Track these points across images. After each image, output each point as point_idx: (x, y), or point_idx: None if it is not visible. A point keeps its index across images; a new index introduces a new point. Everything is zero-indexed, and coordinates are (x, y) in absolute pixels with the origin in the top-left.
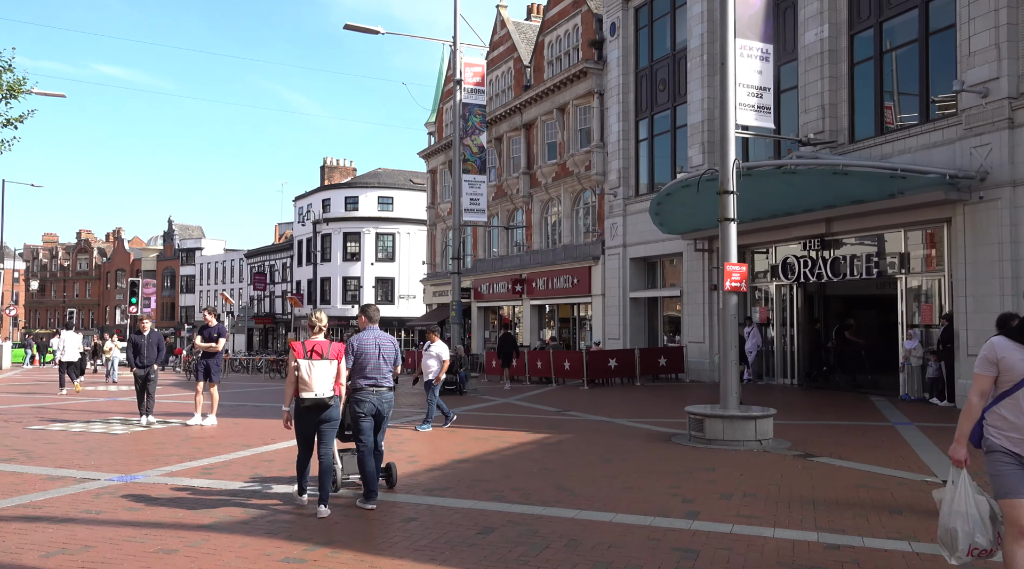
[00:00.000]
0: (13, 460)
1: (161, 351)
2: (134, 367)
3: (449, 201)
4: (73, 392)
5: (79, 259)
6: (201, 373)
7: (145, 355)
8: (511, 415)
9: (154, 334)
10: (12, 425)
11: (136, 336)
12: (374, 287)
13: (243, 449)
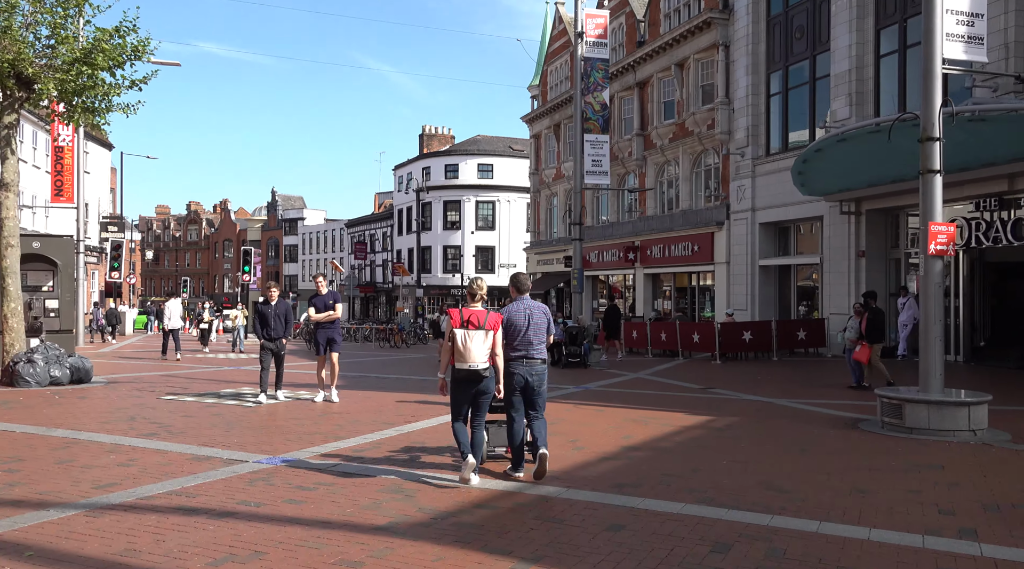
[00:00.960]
0: (155, 435)
1: (289, 322)
2: (262, 339)
3: (554, 166)
4: (174, 360)
5: (189, 229)
6: (323, 346)
7: (272, 326)
8: (651, 392)
9: (281, 303)
10: (146, 395)
11: (262, 306)
12: (474, 256)
13: (385, 427)
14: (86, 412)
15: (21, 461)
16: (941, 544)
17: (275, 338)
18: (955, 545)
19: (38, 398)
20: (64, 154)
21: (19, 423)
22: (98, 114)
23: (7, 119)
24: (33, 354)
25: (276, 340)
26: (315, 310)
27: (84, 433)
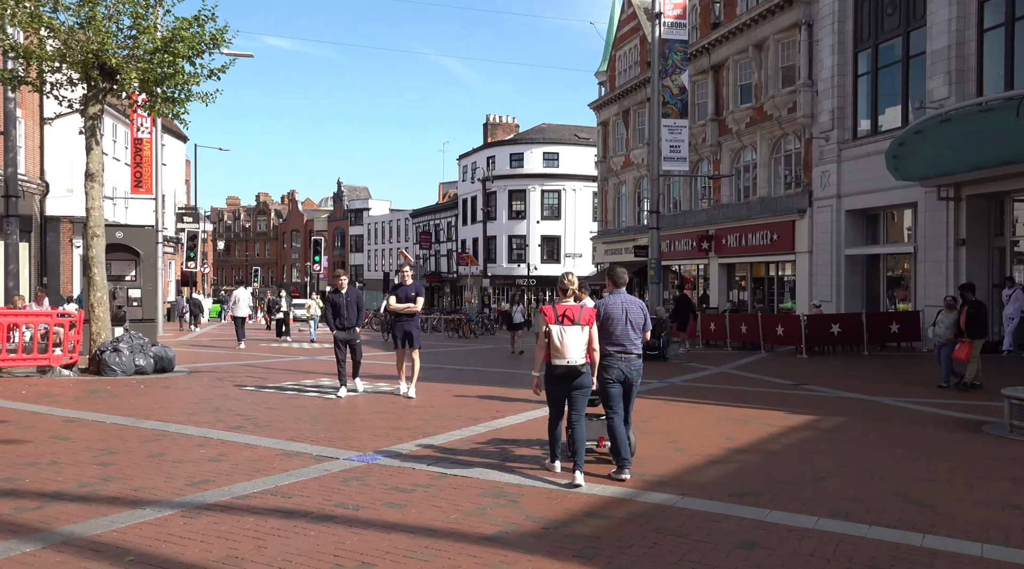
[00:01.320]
0: (242, 428)
1: (361, 310)
2: (334, 330)
3: (623, 154)
4: (240, 349)
5: (258, 220)
6: (400, 339)
7: (345, 315)
8: (741, 388)
9: (352, 291)
10: (227, 385)
11: (334, 295)
12: (540, 245)
13: (473, 423)
14: (171, 402)
15: (113, 454)
16: None
17: (348, 327)
18: None
19: (124, 387)
20: (143, 146)
21: (108, 413)
22: (178, 104)
23: (92, 110)
24: (119, 343)
25: (349, 329)
26: (396, 300)
27: (172, 425)
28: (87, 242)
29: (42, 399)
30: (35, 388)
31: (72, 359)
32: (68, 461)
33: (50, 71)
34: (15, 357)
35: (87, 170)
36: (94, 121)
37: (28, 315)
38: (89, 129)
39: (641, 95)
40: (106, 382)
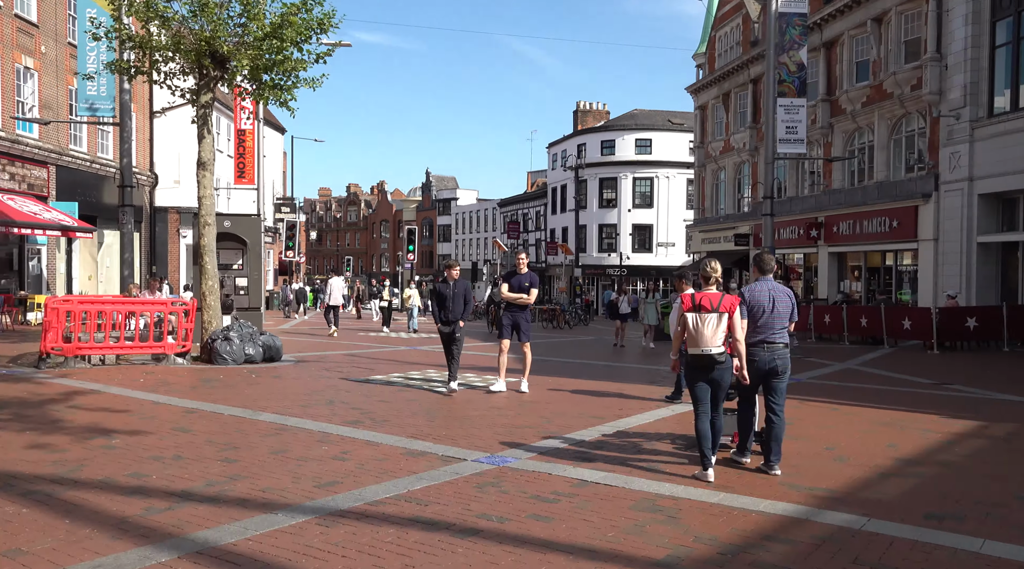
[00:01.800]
0: (359, 423)
1: (468, 303)
2: (439, 322)
3: (722, 139)
4: (331, 336)
5: (349, 210)
6: (507, 328)
7: (451, 308)
8: (878, 387)
9: (460, 283)
10: (335, 375)
11: (441, 285)
12: (631, 234)
13: (598, 422)
14: (284, 394)
15: (236, 449)
16: None
17: (452, 320)
18: None
19: (236, 377)
20: (246, 137)
21: (225, 404)
22: (285, 91)
23: (203, 99)
24: (229, 332)
25: (453, 323)
26: (508, 288)
27: (290, 418)
28: (199, 231)
29: (160, 388)
30: (152, 376)
31: (185, 347)
32: (192, 456)
33: (163, 60)
34: (132, 345)
35: (199, 158)
36: (205, 110)
37: (144, 303)
38: (201, 118)
39: (743, 77)
40: (218, 371)
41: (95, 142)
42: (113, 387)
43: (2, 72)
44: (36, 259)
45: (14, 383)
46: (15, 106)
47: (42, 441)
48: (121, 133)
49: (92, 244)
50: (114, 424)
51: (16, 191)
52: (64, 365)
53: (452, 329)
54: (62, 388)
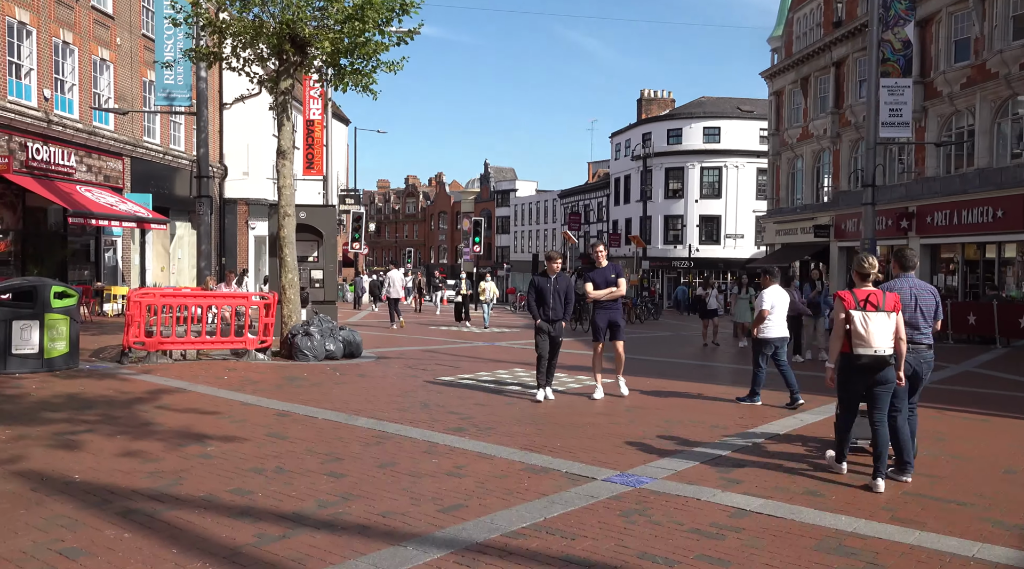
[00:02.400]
0: (463, 431)
1: (570, 301)
2: (538, 320)
3: (799, 125)
4: (399, 327)
5: (407, 202)
6: (603, 330)
7: (551, 305)
8: (1016, 395)
9: (563, 278)
10: (421, 373)
11: (540, 280)
12: (698, 226)
13: (722, 432)
14: (375, 395)
15: (340, 461)
16: None
17: (553, 320)
18: None
19: (320, 374)
20: (315, 128)
21: (316, 406)
22: (365, 75)
23: (283, 85)
24: (309, 326)
25: (554, 323)
26: (593, 286)
27: (389, 425)
28: (278, 222)
29: (246, 386)
30: (235, 373)
31: (266, 343)
32: (295, 468)
33: (242, 46)
34: (213, 340)
35: (279, 147)
36: (285, 96)
37: (226, 297)
38: (280, 105)
39: (824, 60)
40: (300, 368)
41: (167, 133)
42: (198, 385)
43: (80, 64)
44: (112, 250)
45: (99, 380)
46: (91, 98)
47: (134, 447)
48: (198, 122)
49: (165, 236)
50: (206, 428)
51: (93, 183)
52: (146, 360)
53: (552, 330)
54: (147, 386)
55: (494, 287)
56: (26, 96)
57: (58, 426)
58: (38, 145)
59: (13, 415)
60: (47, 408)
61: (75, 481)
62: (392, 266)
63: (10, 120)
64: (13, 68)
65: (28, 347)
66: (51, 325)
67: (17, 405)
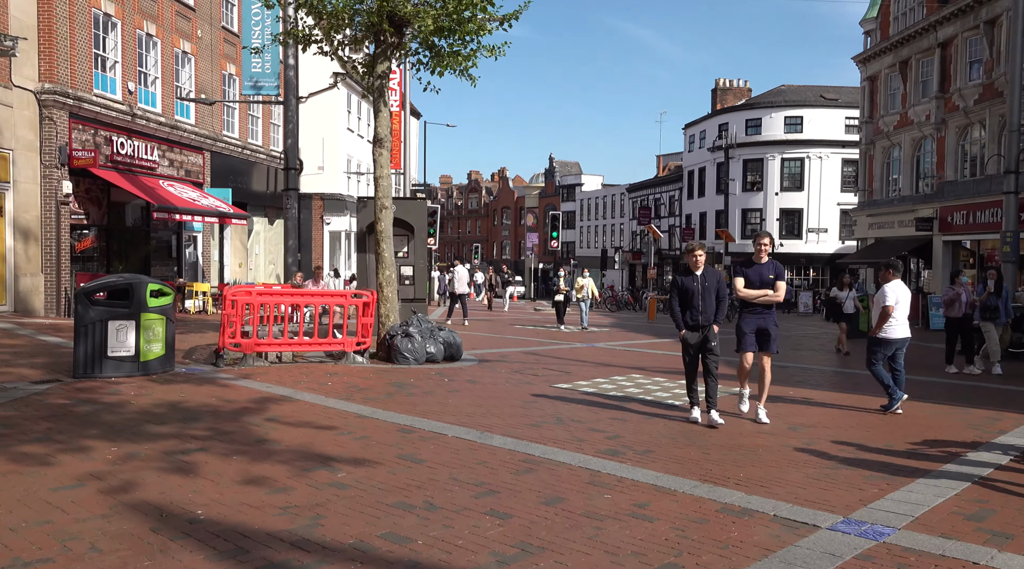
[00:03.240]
0: (620, 455)
1: (723, 301)
2: (682, 328)
3: (897, 112)
4: (461, 326)
5: (470, 198)
6: (752, 339)
7: (700, 308)
8: None
9: (712, 274)
10: (531, 379)
11: (685, 278)
12: (778, 220)
13: (934, 460)
14: (497, 405)
15: (495, 494)
16: None
17: (703, 324)
18: None
19: (428, 381)
20: (393, 120)
21: (438, 420)
22: (465, 58)
23: (380, 68)
24: (408, 327)
25: (704, 328)
26: (744, 282)
27: (531, 445)
28: (375, 215)
29: (354, 395)
30: (338, 379)
31: (364, 344)
32: (447, 503)
33: (338, 26)
34: (310, 341)
35: (376, 135)
36: (383, 81)
37: (324, 295)
38: (378, 90)
39: (927, 41)
40: (403, 372)
41: (246, 127)
42: (303, 393)
43: (163, 57)
44: (192, 246)
45: (198, 385)
46: (173, 91)
47: (256, 472)
48: (285, 112)
49: (243, 231)
50: (328, 447)
51: (175, 177)
52: (243, 363)
53: (702, 336)
54: (250, 393)
55: (592, 284)
56: (111, 89)
57: (167, 443)
58: (122, 139)
59: (116, 428)
60: (151, 420)
61: (199, 518)
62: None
63: (96, 114)
64: (99, 61)
65: (124, 349)
66: (147, 326)
67: (119, 415)
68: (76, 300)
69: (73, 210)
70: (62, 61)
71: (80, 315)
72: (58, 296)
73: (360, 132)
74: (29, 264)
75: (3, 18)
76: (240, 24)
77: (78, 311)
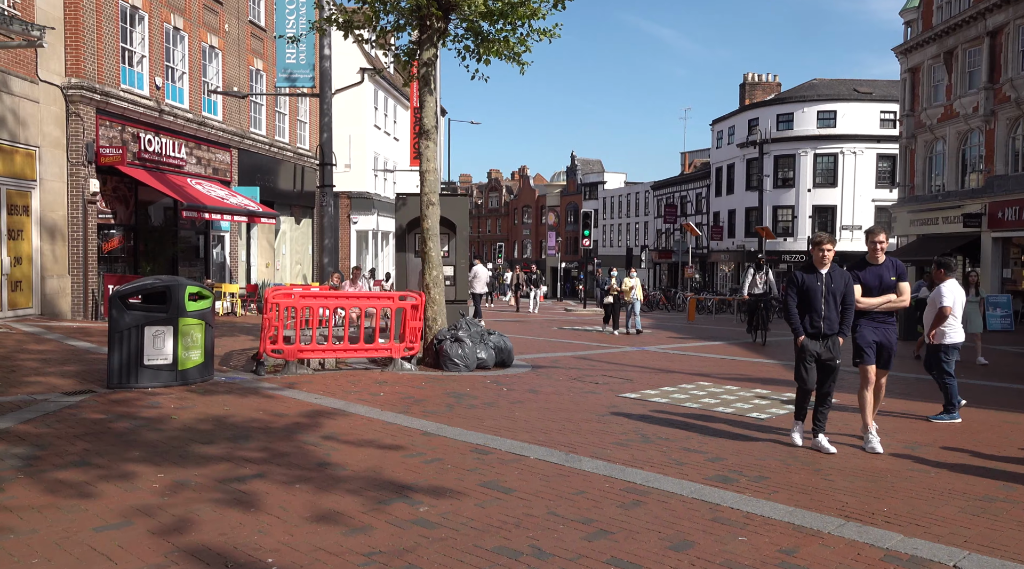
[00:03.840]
0: (734, 483)
1: (850, 307)
2: (801, 334)
3: (941, 104)
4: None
5: (490, 197)
6: (873, 351)
7: (823, 312)
8: None
9: (839, 273)
10: (592, 387)
11: (806, 276)
12: (811, 217)
13: None
14: (570, 419)
15: (609, 535)
16: None
17: (827, 333)
18: None
19: (484, 389)
20: None
21: (513, 438)
22: (519, 42)
23: (426, 55)
24: (458, 331)
25: (828, 338)
26: (863, 289)
27: (629, 470)
28: (421, 211)
29: (412, 408)
30: (390, 388)
31: (412, 349)
32: (558, 550)
33: (384, 12)
34: (357, 347)
35: (422, 127)
36: (428, 69)
37: (370, 297)
38: (423, 78)
39: (976, 29)
40: (456, 380)
41: (272, 124)
42: (355, 405)
43: (190, 51)
44: (219, 246)
45: (241, 397)
46: (200, 86)
47: (326, 505)
48: (321, 105)
49: (269, 231)
50: (399, 472)
51: (202, 175)
52: (284, 371)
53: (826, 349)
54: (299, 405)
55: (639, 286)
56: (138, 84)
57: (219, 467)
58: (150, 136)
59: (160, 449)
60: (196, 438)
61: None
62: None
63: (123, 109)
64: (126, 55)
65: (161, 357)
66: (185, 331)
67: (161, 433)
68: (110, 304)
69: (100, 209)
70: (89, 55)
71: (115, 320)
72: (85, 298)
73: (387, 129)
74: (56, 265)
75: (29, 9)
76: (267, 18)
77: (112, 316)
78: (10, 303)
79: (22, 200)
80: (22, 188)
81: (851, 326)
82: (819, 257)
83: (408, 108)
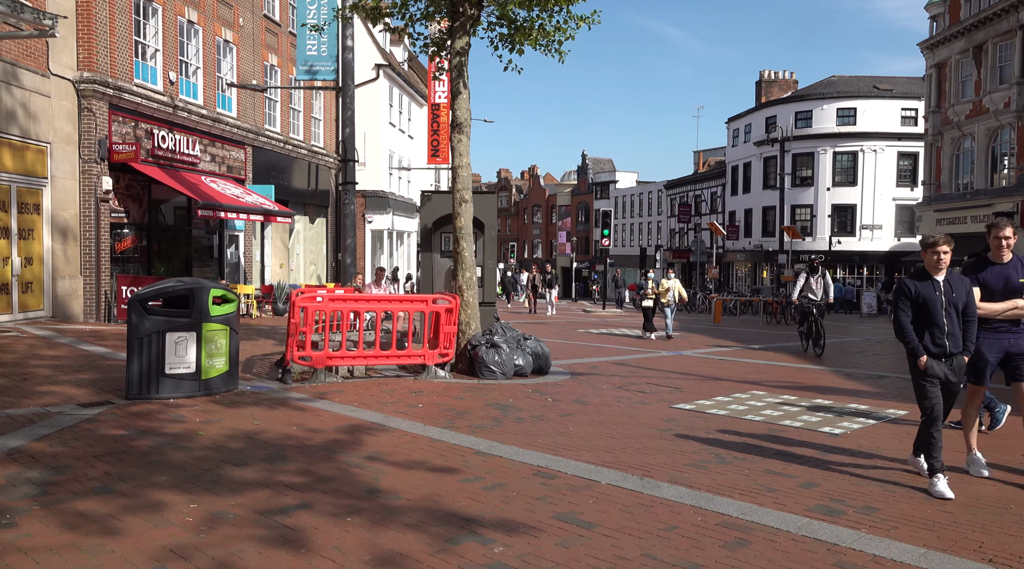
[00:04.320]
0: (839, 515)
1: (972, 320)
2: (922, 353)
3: (969, 100)
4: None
5: (500, 196)
6: (987, 369)
7: (947, 328)
8: None
9: (957, 281)
10: (647, 400)
11: (919, 283)
12: (829, 216)
13: None
14: (629, 435)
15: None
16: None
17: (952, 352)
18: None
19: (527, 400)
20: (440, 112)
21: (575, 458)
22: (557, 30)
23: (459, 44)
24: (493, 336)
25: (954, 357)
26: (984, 292)
27: (718, 500)
28: (454, 209)
29: (456, 422)
30: (427, 399)
31: (447, 356)
32: None
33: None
34: (389, 353)
35: (454, 120)
36: (461, 58)
37: (401, 300)
38: (456, 68)
39: (1007, 23)
40: (496, 390)
41: (287, 121)
42: (396, 418)
43: (204, 45)
44: (233, 246)
45: (271, 409)
46: (215, 82)
47: (386, 545)
48: (344, 98)
49: (283, 230)
50: (460, 501)
51: (216, 173)
52: (313, 379)
53: (951, 370)
54: (334, 419)
55: (680, 287)
56: (152, 79)
57: (257, 495)
58: (164, 132)
59: (190, 472)
60: (228, 459)
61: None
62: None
63: (136, 105)
64: (139, 49)
65: (183, 365)
66: (209, 338)
67: (188, 452)
68: (129, 309)
69: (113, 208)
70: (101, 48)
71: (134, 326)
72: (98, 300)
73: (402, 127)
74: (68, 265)
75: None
76: (282, 13)
77: (131, 321)
78: (21, 305)
79: (33, 198)
80: (33, 186)
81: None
82: (933, 262)
83: (423, 106)
